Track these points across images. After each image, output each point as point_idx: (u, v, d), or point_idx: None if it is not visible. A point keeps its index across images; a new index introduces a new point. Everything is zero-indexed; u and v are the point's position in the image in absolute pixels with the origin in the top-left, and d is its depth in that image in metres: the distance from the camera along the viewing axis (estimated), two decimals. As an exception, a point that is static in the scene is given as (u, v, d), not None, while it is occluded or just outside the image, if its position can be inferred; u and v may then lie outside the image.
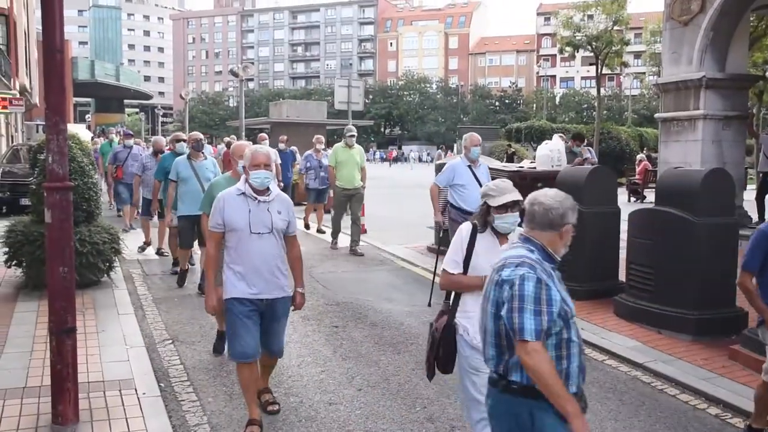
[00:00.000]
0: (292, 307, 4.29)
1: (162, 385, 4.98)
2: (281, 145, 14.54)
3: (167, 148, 10.06)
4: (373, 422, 4.46)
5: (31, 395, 4.56)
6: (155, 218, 9.84)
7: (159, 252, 10.09)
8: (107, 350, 5.56)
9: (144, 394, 4.67)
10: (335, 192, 10.50)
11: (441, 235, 9.69)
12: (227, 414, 4.56)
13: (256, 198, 4.05)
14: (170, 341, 6.10)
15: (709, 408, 4.78)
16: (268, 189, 4.13)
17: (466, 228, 3.58)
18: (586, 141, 12.46)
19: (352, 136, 10.56)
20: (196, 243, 7.88)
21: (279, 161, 12.65)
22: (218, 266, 4.22)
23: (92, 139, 24.23)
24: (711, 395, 4.92)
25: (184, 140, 8.42)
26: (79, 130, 31.46)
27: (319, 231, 12.25)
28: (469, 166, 7.31)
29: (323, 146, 12.16)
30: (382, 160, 69.33)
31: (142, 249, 10.24)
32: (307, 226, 12.56)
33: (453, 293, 3.63)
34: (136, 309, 7.03)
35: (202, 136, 8.00)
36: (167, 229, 9.12)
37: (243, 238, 4.03)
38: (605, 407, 4.77)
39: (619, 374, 5.39)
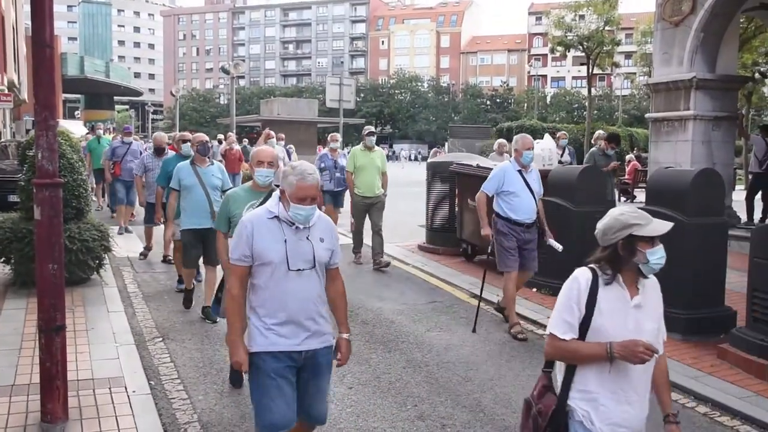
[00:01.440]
0: (335, 360, 3.34)
1: (152, 382, 4.96)
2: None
3: (168, 146, 9.74)
4: (364, 420, 4.46)
5: (20, 393, 4.52)
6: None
7: (165, 259, 9.29)
8: (97, 348, 5.53)
9: (134, 391, 4.65)
10: (354, 200, 9.35)
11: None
12: (218, 412, 4.54)
13: (293, 223, 3.15)
14: (160, 339, 6.07)
15: (697, 406, 4.82)
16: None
17: (584, 277, 2.58)
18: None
19: (372, 134, 9.44)
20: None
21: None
22: (243, 309, 3.28)
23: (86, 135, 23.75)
24: (699, 394, 4.96)
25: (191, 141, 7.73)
26: (76, 126, 31.25)
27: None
28: (520, 171, 6.39)
29: (338, 145, 11.04)
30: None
31: (144, 255, 9.60)
32: None
33: (563, 365, 2.63)
34: (125, 306, 6.99)
35: (207, 138, 7.03)
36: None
37: (277, 276, 3.13)
38: (595, 406, 4.79)
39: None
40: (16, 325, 6.02)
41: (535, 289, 7.87)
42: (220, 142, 19.51)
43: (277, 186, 3.61)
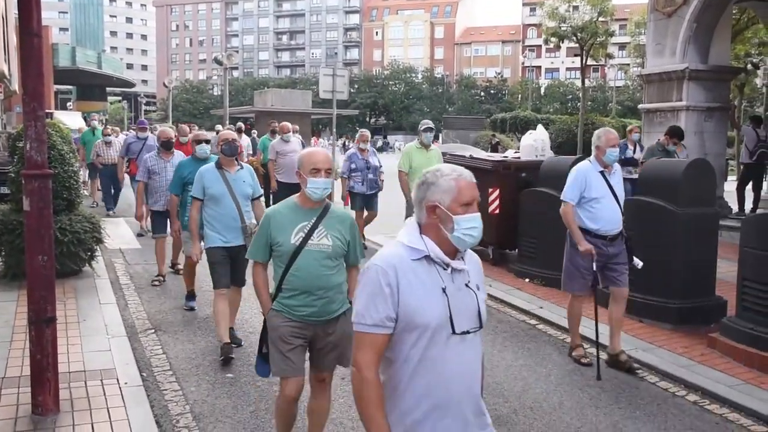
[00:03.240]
0: None
1: (144, 374, 4.96)
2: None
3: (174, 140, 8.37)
4: (356, 410, 4.46)
5: (11, 385, 4.51)
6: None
7: (174, 268, 8.27)
8: (89, 340, 5.52)
9: (126, 383, 4.64)
10: (410, 206, 7.71)
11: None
12: (210, 403, 4.55)
13: (448, 265, 2.18)
14: (152, 331, 6.07)
15: (687, 395, 4.85)
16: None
17: None
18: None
19: (429, 130, 8.39)
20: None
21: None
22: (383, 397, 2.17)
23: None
24: (690, 382, 4.99)
25: (207, 141, 6.48)
26: (72, 118, 30.95)
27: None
28: (602, 173, 5.34)
29: (368, 144, 10.01)
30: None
31: (158, 283, 7.79)
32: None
33: None
34: (118, 298, 6.98)
35: (235, 135, 5.66)
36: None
37: (434, 345, 2.13)
38: (586, 394, 4.82)
39: (600, 362, 5.43)
40: (6, 318, 5.99)
41: (528, 279, 7.90)
42: (239, 131, 17.78)
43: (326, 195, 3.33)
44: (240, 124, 17.07)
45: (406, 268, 2.13)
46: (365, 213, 9.85)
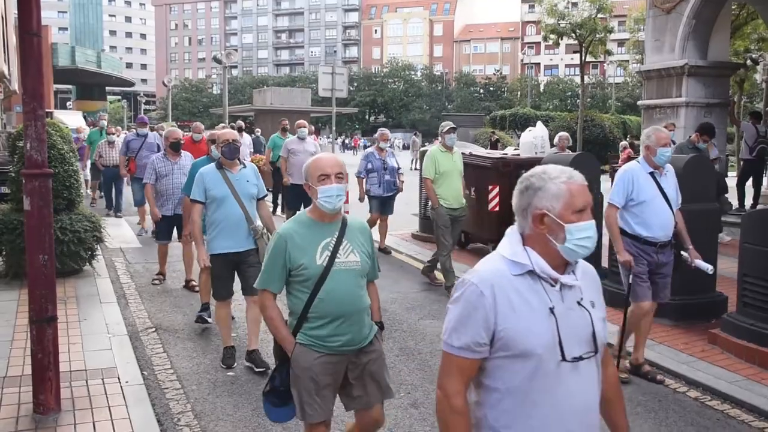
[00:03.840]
0: None
1: (145, 373, 4.96)
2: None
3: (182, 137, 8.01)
4: None
5: (12, 385, 4.51)
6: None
7: (188, 285, 7.51)
8: (90, 339, 5.52)
9: (127, 382, 4.65)
10: (439, 214, 7.35)
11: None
12: (211, 402, 4.55)
13: (557, 281, 1.90)
14: (153, 330, 6.07)
15: (689, 391, 4.85)
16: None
17: None
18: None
19: (452, 130, 7.57)
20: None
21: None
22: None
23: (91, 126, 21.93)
24: (691, 378, 4.99)
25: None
26: (73, 117, 30.88)
27: (383, 251, 9.33)
28: (652, 174, 4.95)
29: (389, 144, 9.50)
30: (365, 147, 68.94)
31: (158, 281, 7.72)
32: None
33: None
34: (118, 297, 6.98)
35: (236, 135, 5.36)
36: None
37: (542, 374, 1.85)
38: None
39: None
40: (8, 317, 6.00)
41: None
42: (240, 130, 16.96)
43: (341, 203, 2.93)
44: (240, 122, 16.94)
45: (506, 286, 1.85)
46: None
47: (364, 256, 3.03)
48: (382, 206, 9.37)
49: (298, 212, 3.22)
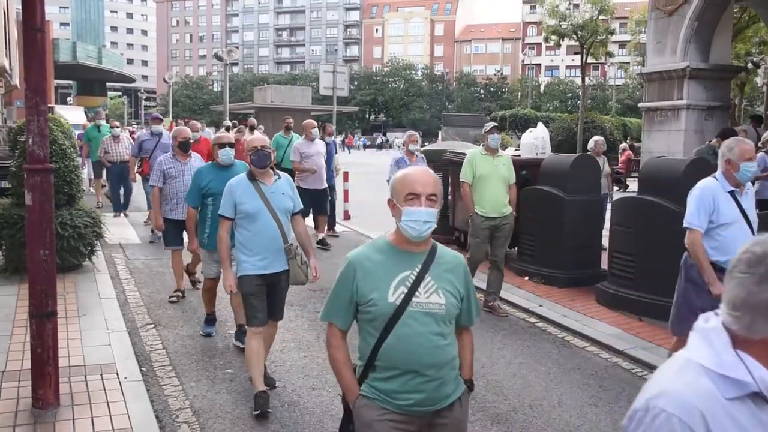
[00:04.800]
0: None
1: (144, 369, 4.96)
2: (329, 139, 10.84)
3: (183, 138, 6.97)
4: None
5: (11, 379, 4.52)
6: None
7: (190, 279, 7.30)
8: (89, 334, 5.53)
9: (126, 378, 4.65)
10: (474, 222, 6.72)
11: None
12: (209, 398, 4.55)
13: None
14: (152, 325, 6.07)
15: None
16: None
17: None
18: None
19: (496, 130, 6.74)
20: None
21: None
22: None
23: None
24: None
25: (232, 144, 5.57)
26: (74, 113, 30.81)
27: None
28: (732, 192, 4.34)
29: (418, 147, 8.63)
30: (365, 147, 68.98)
31: (175, 299, 6.87)
32: None
33: None
34: (118, 293, 6.98)
35: (266, 140, 4.72)
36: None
37: None
38: (586, 393, 4.83)
39: (600, 361, 5.45)
40: (7, 312, 6.00)
41: (527, 277, 7.91)
42: (228, 129, 16.22)
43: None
44: (230, 122, 16.44)
45: (720, 416, 1.23)
46: None
47: (451, 298, 2.40)
48: None
49: (377, 237, 2.57)
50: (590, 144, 10.02)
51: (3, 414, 4.03)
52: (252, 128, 13.53)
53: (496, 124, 6.88)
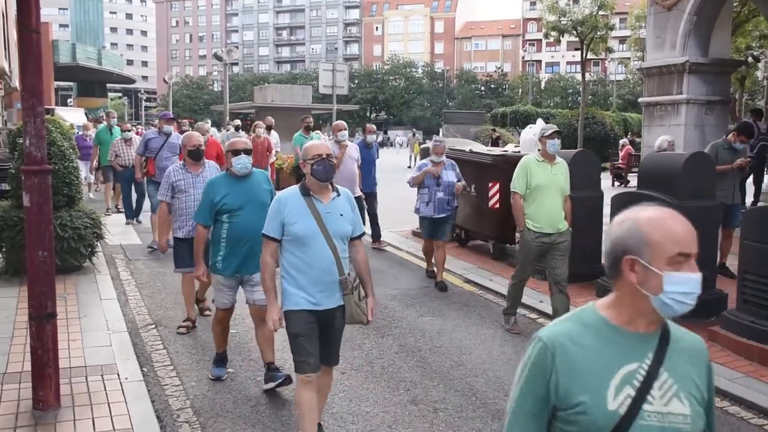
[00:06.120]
0: None
1: (145, 369, 4.97)
2: (372, 136, 9.88)
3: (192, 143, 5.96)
4: (356, 405, 4.48)
5: (12, 381, 4.52)
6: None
7: (199, 306, 6.43)
8: (89, 335, 5.53)
9: (126, 378, 4.65)
10: (523, 240, 5.96)
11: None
12: (210, 398, 4.55)
13: None
14: (153, 326, 6.07)
15: (688, 389, 4.84)
16: None
17: None
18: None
19: (556, 135, 5.84)
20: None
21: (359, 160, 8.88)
22: None
23: (94, 123, 19.94)
24: (690, 376, 4.97)
25: (249, 151, 4.72)
26: (75, 114, 30.83)
27: (440, 287, 7.56)
28: None
29: (442, 158, 7.58)
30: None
31: (185, 330, 5.95)
32: (432, 275, 8.01)
33: None
34: (118, 294, 6.99)
35: (328, 146, 3.76)
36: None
37: None
38: (586, 389, 4.81)
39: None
40: (8, 313, 6.01)
41: (528, 274, 7.89)
42: (237, 128, 15.89)
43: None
44: (237, 121, 16.30)
45: None
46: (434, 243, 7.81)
47: (696, 405, 1.63)
48: (433, 230, 7.67)
49: (582, 307, 1.73)
50: (658, 143, 8.68)
51: (4, 416, 4.04)
52: (269, 128, 13.00)
53: (556, 127, 5.96)
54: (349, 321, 3.69)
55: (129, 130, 12.28)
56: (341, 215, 3.65)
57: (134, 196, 11.56)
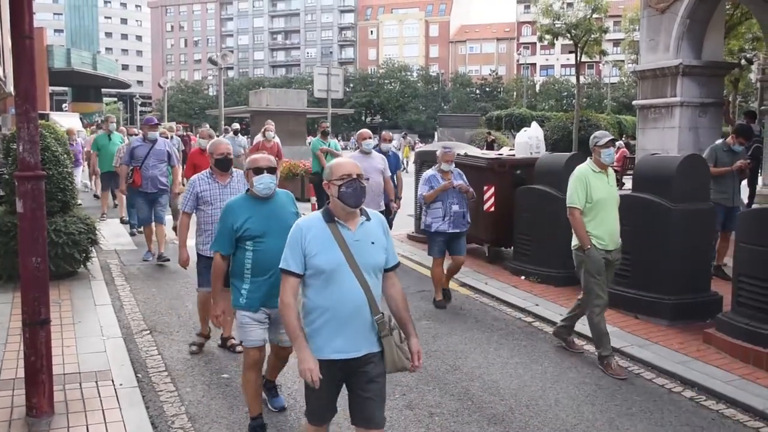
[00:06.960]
0: None
1: (139, 375, 4.94)
2: (387, 145, 8.85)
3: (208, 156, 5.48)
4: (352, 410, 4.45)
5: (5, 388, 4.49)
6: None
7: (227, 344, 5.63)
8: (84, 341, 5.50)
9: (121, 385, 4.63)
10: (591, 259, 5.31)
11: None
12: (205, 404, 4.54)
13: None
14: (148, 332, 6.05)
15: (684, 391, 4.85)
16: None
17: None
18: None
19: (612, 143, 5.38)
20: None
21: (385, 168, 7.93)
22: None
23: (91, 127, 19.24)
24: (686, 378, 4.99)
25: (273, 169, 4.09)
26: (71, 120, 30.71)
27: (443, 298, 7.13)
28: None
29: (452, 166, 7.07)
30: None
31: (197, 349, 5.55)
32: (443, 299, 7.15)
33: None
34: (113, 300, 6.96)
35: (357, 165, 3.13)
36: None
37: None
38: (582, 391, 4.82)
39: (596, 360, 5.43)
40: (1, 320, 5.98)
41: (523, 277, 7.90)
42: (236, 133, 15.51)
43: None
44: (236, 125, 16.39)
45: None
46: (446, 259, 7.13)
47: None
48: (449, 245, 7.02)
49: None
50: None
51: (-3, 423, 4.02)
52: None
53: (611, 135, 5.48)
54: (390, 369, 3.06)
55: (134, 134, 11.86)
56: (372, 243, 3.08)
57: None
